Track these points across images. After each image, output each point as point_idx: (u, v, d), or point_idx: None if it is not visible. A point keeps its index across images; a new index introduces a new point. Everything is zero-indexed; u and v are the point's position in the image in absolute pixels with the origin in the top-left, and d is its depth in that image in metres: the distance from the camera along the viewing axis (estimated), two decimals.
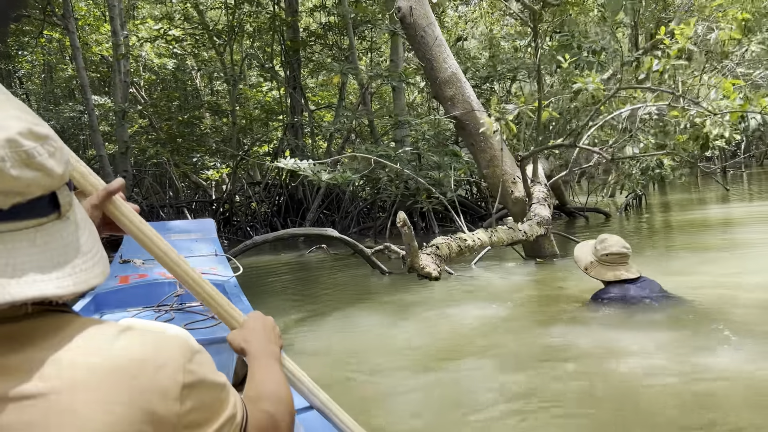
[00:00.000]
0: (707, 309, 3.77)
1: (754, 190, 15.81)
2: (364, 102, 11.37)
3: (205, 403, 0.77)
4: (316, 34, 14.07)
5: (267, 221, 13.17)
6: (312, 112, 14.46)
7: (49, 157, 0.70)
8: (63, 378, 0.67)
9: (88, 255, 0.75)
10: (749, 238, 6.65)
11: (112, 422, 0.67)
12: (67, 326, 0.72)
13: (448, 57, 6.39)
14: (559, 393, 2.72)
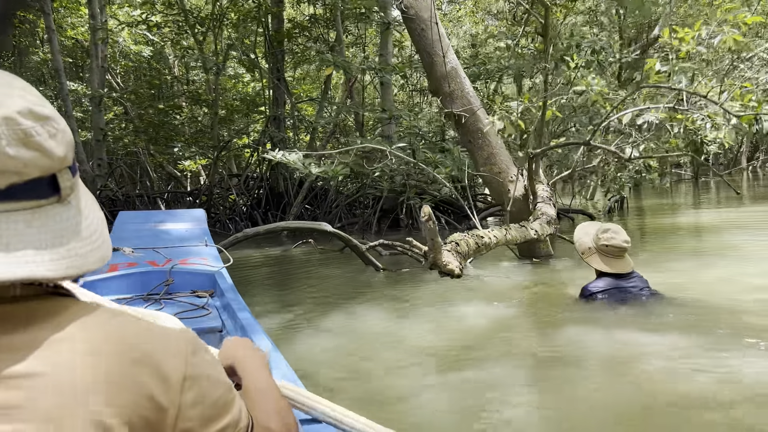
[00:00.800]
0: (699, 308, 3.79)
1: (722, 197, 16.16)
2: (351, 96, 11.22)
3: (207, 400, 0.75)
4: (301, 26, 13.86)
5: (246, 214, 12.94)
6: (295, 104, 14.26)
7: (49, 137, 0.69)
8: (63, 359, 0.66)
9: (87, 240, 0.73)
10: (731, 241, 6.72)
11: (115, 405, 0.66)
12: (67, 309, 0.71)
13: (448, 51, 6.30)
14: (565, 391, 2.66)
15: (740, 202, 14.14)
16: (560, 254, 6.32)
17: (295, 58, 14.62)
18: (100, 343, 0.69)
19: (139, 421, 0.68)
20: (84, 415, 0.64)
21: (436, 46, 6.22)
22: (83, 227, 0.73)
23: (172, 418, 0.72)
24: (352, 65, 8.52)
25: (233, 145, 15.35)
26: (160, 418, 0.70)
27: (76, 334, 0.69)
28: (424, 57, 6.34)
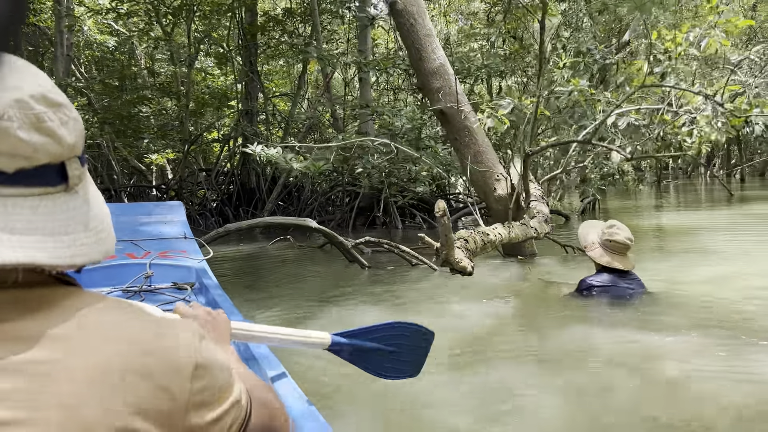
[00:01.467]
0: (692, 307, 3.84)
1: (682, 200, 16.57)
2: (328, 92, 11.08)
3: (214, 385, 0.77)
4: (275, 19, 13.64)
5: (217, 210, 12.68)
6: (268, 98, 14.03)
7: (61, 125, 0.69)
8: (75, 348, 0.66)
9: (92, 231, 0.73)
10: (702, 241, 6.86)
11: (127, 395, 0.66)
12: (76, 298, 0.72)
13: (436, 48, 6.25)
14: (571, 390, 2.63)
15: (699, 204, 14.55)
16: (544, 253, 6.34)
17: (269, 51, 14.39)
18: (112, 333, 0.70)
19: (153, 411, 0.68)
20: (99, 405, 0.65)
21: (425, 42, 6.16)
22: (89, 218, 0.73)
23: (183, 407, 0.72)
24: (336, 59, 8.39)
25: (203, 140, 15.03)
26: (173, 407, 0.71)
27: (86, 323, 0.69)
28: (412, 52, 6.27)
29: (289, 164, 7.08)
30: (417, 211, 10.16)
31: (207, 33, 13.32)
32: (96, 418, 0.64)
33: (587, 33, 7.94)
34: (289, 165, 7.10)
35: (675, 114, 4.97)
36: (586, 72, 5.39)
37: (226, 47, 13.26)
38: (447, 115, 6.26)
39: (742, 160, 24.14)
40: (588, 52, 6.19)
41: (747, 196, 16.38)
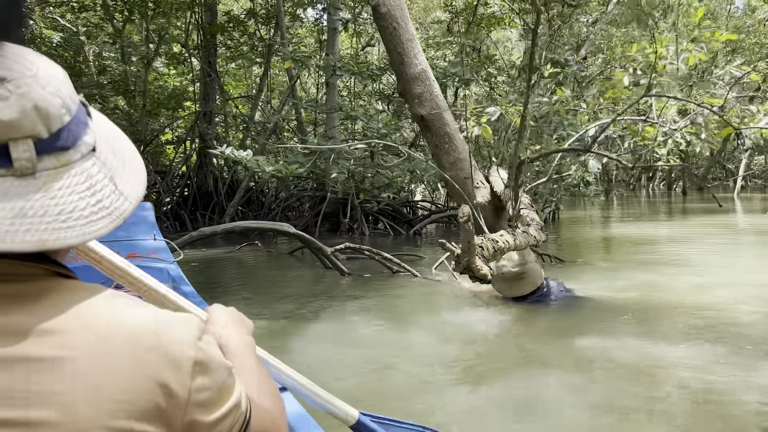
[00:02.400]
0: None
1: (637, 211, 17.10)
2: (293, 94, 10.88)
3: (214, 384, 0.74)
4: (237, 20, 13.32)
5: (172, 213, 12.24)
6: (227, 100, 13.68)
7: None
8: (76, 343, 0.65)
9: (34, 218, 0.66)
10: (648, 250, 7.05)
11: (126, 390, 0.65)
12: (74, 292, 0.70)
13: (418, 53, 6.19)
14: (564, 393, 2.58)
15: (641, 216, 15.05)
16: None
17: (228, 53, 14.05)
18: (114, 327, 0.68)
19: (152, 408, 0.67)
20: (98, 402, 0.63)
21: (408, 46, 6.10)
22: (37, 206, 0.66)
23: (183, 404, 0.70)
24: (309, 62, 8.21)
25: (156, 141, 14.52)
26: (172, 405, 0.69)
27: (86, 316, 0.67)
28: (394, 57, 6.19)
29: (261, 167, 6.88)
30: (383, 217, 10.07)
31: (164, 31, 12.89)
32: (94, 416, 0.63)
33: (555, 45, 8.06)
34: (261, 168, 6.90)
35: (657, 126, 5.05)
36: (569, 82, 5.43)
37: (184, 47, 12.84)
38: (427, 121, 6.19)
39: (684, 175, 25.15)
40: (566, 62, 6.25)
41: (690, 208, 17.06)
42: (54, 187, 0.68)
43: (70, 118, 0.70)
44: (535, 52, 4.43)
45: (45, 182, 0.68)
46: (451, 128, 6.23)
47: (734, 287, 4.86)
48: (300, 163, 7.35)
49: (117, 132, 0.82)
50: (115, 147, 0.79)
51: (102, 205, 0.73)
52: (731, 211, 14.67)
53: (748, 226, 11.03)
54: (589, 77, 6.54)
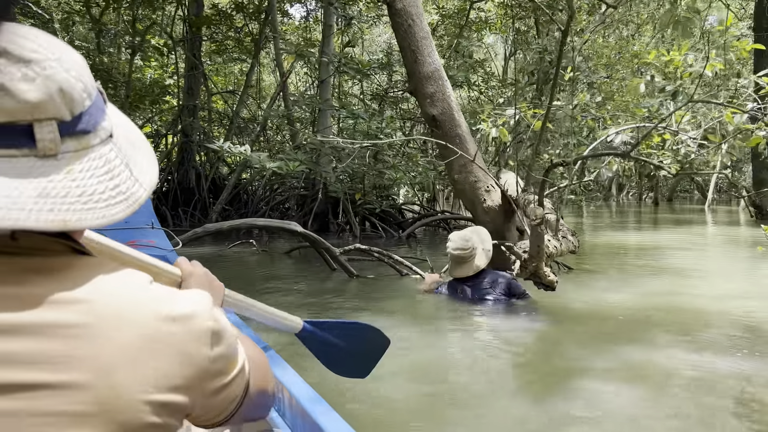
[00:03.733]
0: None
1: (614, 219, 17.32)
2: (284, 91, 10.65)
3: (227, 351, 0.78)
4: (225, 14, 13.02)
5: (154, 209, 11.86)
6: (212, 95, 13.36)
7: (22, 80, 0.65)
8: (104, 312, 0.67)
9: (53, 198, 0.66)
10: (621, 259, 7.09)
11: (155, 358, 0.68)
12: (99, 266, 0.72)
13: (432, 52, 6.06)
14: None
15: (628, 224, 15.22)
16: None
17: (213, 47, 13.74)
18: (138, 299, 0.71)
19: (177, 377, 0.70)
20: (130, 369, 0.66)
21: (422, 44, 5.97)
22: (60, 188, 0.67)
23: (203, 373, 0.73)
24: (312, 56, 8.01)
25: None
26: (194, 373, 0.72)
27: (110, 288, 0.70)
28: (407, 54, 6.05)
29: (263, 163, 6.68)
30: (375, 219, 9.92)
31: (150, 21, 12.52)
32: (127, 382, 0.65)
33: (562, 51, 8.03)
34: (261, 164, 6.70)
35: (675, 133, 5.02)
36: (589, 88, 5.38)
37: (171, 38, 12.49)
38: (439, 122, 6.07)
39: (656, 186, 25.63)
40: (578, 69, 6.21)
41: (673, 218, 17.35)
42: (75, 170, 0.70)
43: (91, 103, 0.72)
44: (563, 55, 4.33)
45: (66, 164, 0.69)
46: (463, 130, 6.12)
47: (754, 298, 4.87)
48: (300, 161, 7.17)
49: (128, 121, 0.84)
50: (129, 136, 0.81)
51: (119, 189, 0.74)
52: (725, 222, 14.93)
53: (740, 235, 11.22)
54: (595, 83, 6.50)
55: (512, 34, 12.91)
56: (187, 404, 0.72)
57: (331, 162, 8.34)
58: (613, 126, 5.24)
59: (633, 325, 3.93)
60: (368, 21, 12.69)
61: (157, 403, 0.67)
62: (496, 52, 19.37)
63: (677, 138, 5.13)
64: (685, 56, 5.05)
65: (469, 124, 6.66)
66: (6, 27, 0.68)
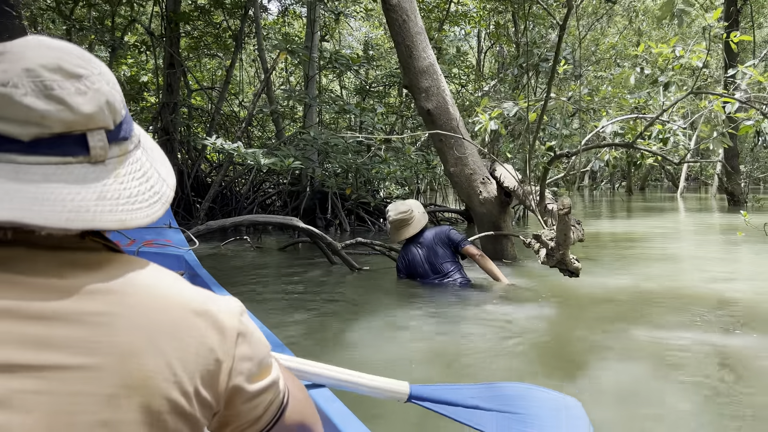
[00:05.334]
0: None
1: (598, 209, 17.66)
2: (267, 87, 10.61)
3: (255, 356, 0.80)
4: (202, 9, 12.89)
5: None
6: (192, 92, 13.23)
7: (76, 93, 0.71)
8: (134, 302, 0.71)
9: (109, 201, 0.73)
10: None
11: (181, 349, 0.71)
12: (129, 261, 0.77)
13: (426, 47, 6.14)
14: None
15: (605, 213, 15.54)
16: (525, 256, 6.42)
17: (193, 42, 13.59)
18: (166, 293, 0.75)
19: (201, 370, 0.73)
20: (157, 356, 0.69)
21: (417, 40, 6.04)
22: (111, 190, 0.74)
23: (227, 371, 0.76)
24: (304, 54, 8.02)
25: None
26: (218, 369, 0.75)
27: (141, 281, 0.74)
28: (402, 50, 6.12)
29: (257, 159, 6.70)
30: (363, 213, 9.98)
31: (131, 17, 12.33)
32: (153, 367, 0.69)
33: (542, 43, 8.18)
34: (256, 160, 6.72)
35: (665, 123, 5.19)
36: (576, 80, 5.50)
37: (151, 34, 12.33)
38: (434, 116, 6.16)
39: (629, 175, 26.13)
40: (566, 61, 6.34)
41: (649, 207, 17.73)
42: (120, 174, 0.77)
43: (126, 112, 0.79)
44: (560, 47, 4.45)
45: (113, 169, 0.76)
46: (457, 123, 6.22)
47: (746, 281, 5.08)
48: (294, 157, 7.19)
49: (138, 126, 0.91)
50: (146, 139, 0.87)
51: (155, 189, 0.81)
52: (699, 209, 15.32)
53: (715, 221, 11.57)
54: (582, 75, 6.65)
55: (491, 28, 13.03)
56: (211, 401, 0.75)
57: (319, 157, 8.36)
58: (606, 117, 5.37)
59: (635, 308, 4.08)
60: (356, 16, 12.69)
61: (183, 390, 0.71)
62: (471, 45, 19.54)
63: (667, 127, 5.30)
64: (674, 48, 5.22)
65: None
66: (53, 43, 0.74)
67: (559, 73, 5.37)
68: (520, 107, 5.22)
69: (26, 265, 0.70)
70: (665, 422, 2.35)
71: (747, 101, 4.23)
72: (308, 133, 7.74)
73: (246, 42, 13.08)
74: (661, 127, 5.25)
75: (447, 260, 4.90)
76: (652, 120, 4.30)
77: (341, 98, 11.09)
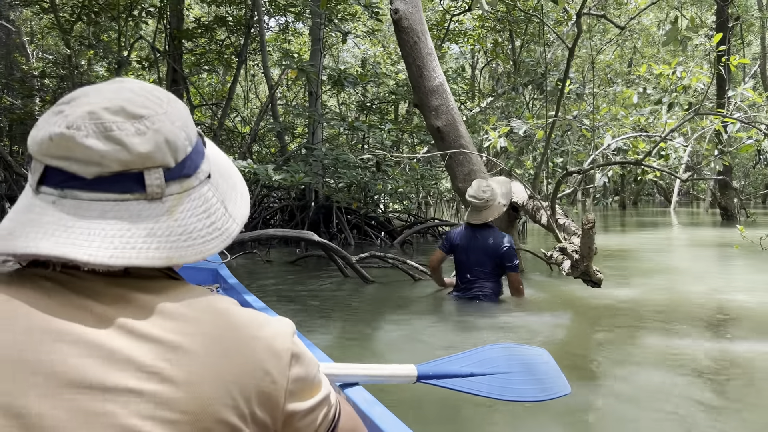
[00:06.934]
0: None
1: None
2: (272, 104, 10.81)
3: (308, 375, 0.83)
4: (205, 26, 13.09)
5: None
6: (195, 108, 13.39)
7: (135, 134, 0.74)
8: (191, 329, 0.73)
9: (157, 238, 0.76)
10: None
11: (238, 374, 0.73)
12: (187, 288, 0.79)
13: (436, 67, 6.35)
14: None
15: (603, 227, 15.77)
16: (530, 269, 6.60)
17: (194, 59, 13.78)
18: (223, 318, 0.77)
19: (257, 392, 0.75)
20: (217, 382, 0.71)
21: (427, 60, 6.25)
22: (164, 227, 0.77)
23: (283, 391, 0.78)
24: (312, 71, 8.22)
25: None
26: (273, 391, 0.77)
27: (200, 306, 0.76)
28: (413, 70, 6.32)
29: (269, 175, 6.85)
30: (368, 227, 10.15)
31: (135, 34, 12.51)
32: (214, 394, 0.71)
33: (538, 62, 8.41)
34: (268, 176, 6.87)
35: (666, 140, 5.42)
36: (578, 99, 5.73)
37: (157, 51, 12.51)
38: (443, 133, 6.36)
39: (623, 190, 26.46)
40: (570, 81, 6.57)
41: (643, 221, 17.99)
42: (177, 210, 0.78)
43: (192, 148, 0.80)
44: (568, 70, 4.66)
45: (171, 206, 0.78)
46: (466, 140, 6.42)
47: (742, 291, 5.28)
48: (304, 173, 7.35)
49: (226, 159, 0.93)
50: (224, 173, 0.89)
51: (215, 226, 0.82)
52: (693, 224, 15.59)
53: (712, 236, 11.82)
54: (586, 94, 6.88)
55: (489, 46, 13.30)
56: (268, 421, 0.77)
57: (325, 172, 8.53)
58: (610, 134, 5.59)
59: (642, 317, 4.26)
60: (362, 37, 12.94)
61: (239, 413, 0.73)
62: (468, 62, 19.84)
63: (669, 145, 5.52)
64: (674, 70, 5.45)
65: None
66: (126, 85, 0.79)
67: (566, 92, 5.59)
68: (530, 125, 5.43)
69: (90, 292, 0.74)
70: (676, 422, 2.52)
71: (749, 122, 4.44)
72: (319, 149, 7.91)
73: (248, 58, 13.26)
74: (664, 144, 5.47)
75: (487, 270, 4.72)
76: (662, 138, 4.52)
77: (347, 115, 11.28)
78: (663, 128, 5.91)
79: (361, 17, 12.79)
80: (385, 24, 16.64)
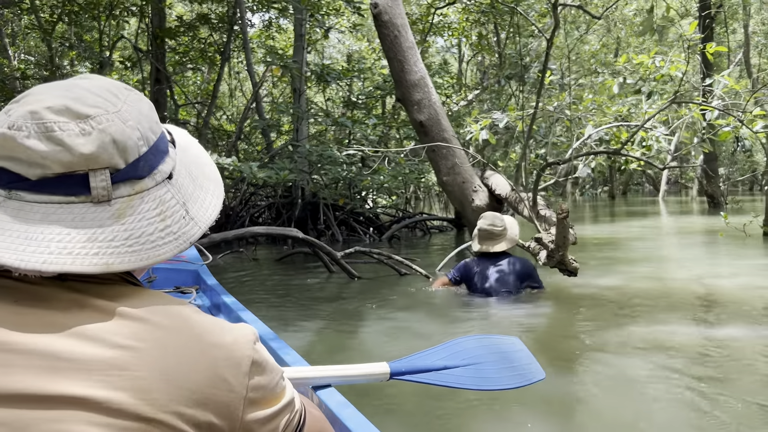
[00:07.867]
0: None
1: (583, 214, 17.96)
2: (257, 101, 10.76)
3: (269, 383, 0.81)
4: (188, 25, 13.01)
5: None
6: (179, 107, 13.32)
7: (79, 135, 0.71)
8: (148, 335, 0.71)
9: (102, 243, 0.73)
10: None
11: (194, 381, 0.71)
12: (146, 294, 0.76)
13: (417, 61, 6.35)
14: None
15: (588, 218, 15.85)
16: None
17: (177, 57, 13.70)
18: (183, 326, 0.74)
19: (215, 400, 0.73)
20: (169, 389, 0.69)
21: (408, 54, 6.24)
22: (108, 231, 0.73)
23: (241, 401, 0.76)
24: (295, 68, 8.18)
25: None
26: (232, 399, 0.75)
27: (158, 315, 0.73)
28: (394, 64, 6.32)
29: (254, 173, 6.83)
30: (355, 223, 10.15)
31: (116, 34, 12.41)
32: (164, 400, 0.68)
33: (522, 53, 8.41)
34: (252, 174, 6.84)
35: (648, 130, 5.44)
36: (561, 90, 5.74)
37: (140, 50, 12.43)
38: (426, 127, 6.36)
39: (612, 180, 26.60)
40: (551, 72, 6.57)
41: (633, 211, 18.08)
42: (126, 213, 0.75)
43: (147, 148, 0.77)
44: (548, 61, 4.67)
45: (119, 209, 0.75)
46: (449, 133, 6.43)
47: (726, 277, 5.32)
48: (289, 170, 7.33)
49: (201, 157, 0.90)
50: (195, 173, 0.86)
51: (170, 230, 0.78)
52: (681, 212, 15.68)
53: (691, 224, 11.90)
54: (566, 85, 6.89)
55: (474, 38, 13.29)
56: (226, 430, 0.75)
57: (311, 169, 8.51)
58: (591, 124, 5.61)
59: (625, 305, 4.29)
60: (342, 29, 12.90)
61: (195, 422, 0.71)
62: (453, 55, 19.85)
63: (650, 134, 5.54)
64: (654, 59, 5.47)
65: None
66: (78, 82, 0.76)
67: (546, 83, 5.60)
68: (510, 118, 5.43)
69: (26, 296, 0.71)
70: (659, 411, 2.54)
71: (725, 109, 4.47)
72: (303, 146, 7.89)
73: (231, 56, 13.21)
74: (645, 134, 5.49)
75: (509, 290, 4.58)
76: (638, 128, 4.54)
77: (331, 111, 11.26)
78: (643, 118, 5.94)
79: (345, 12, 12.76)
80: (369, 19, 16.60)
